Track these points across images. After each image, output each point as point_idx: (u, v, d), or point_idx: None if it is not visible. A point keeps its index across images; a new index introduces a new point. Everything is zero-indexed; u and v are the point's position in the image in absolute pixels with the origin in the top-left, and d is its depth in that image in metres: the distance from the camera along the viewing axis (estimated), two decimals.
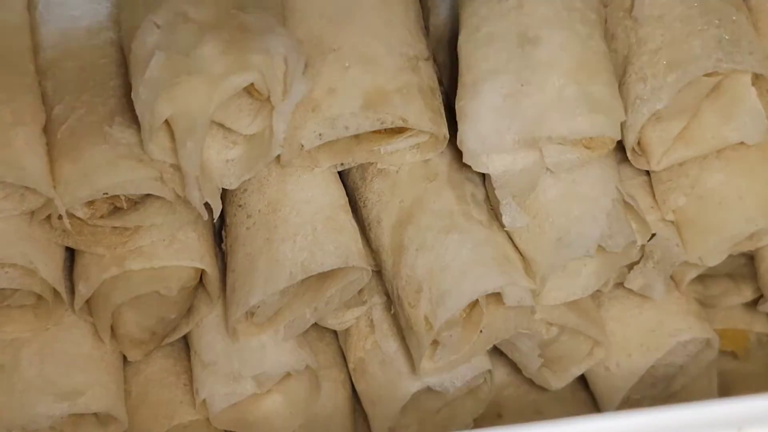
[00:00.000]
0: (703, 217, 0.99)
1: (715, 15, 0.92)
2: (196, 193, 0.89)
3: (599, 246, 0.92)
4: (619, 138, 0.92)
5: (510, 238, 0.97)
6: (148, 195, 0.93)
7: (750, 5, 0.99)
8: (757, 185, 0.98)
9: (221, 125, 0.91)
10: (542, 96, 0.90)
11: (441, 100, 0.99)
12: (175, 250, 0.94)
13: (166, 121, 0.87)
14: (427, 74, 0.99)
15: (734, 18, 0.93)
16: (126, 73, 0.95)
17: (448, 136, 0.96)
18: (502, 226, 0.96)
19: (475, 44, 0.94)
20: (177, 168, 0.89)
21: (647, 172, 1.03)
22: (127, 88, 0.94)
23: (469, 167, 0.94)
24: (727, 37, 0.91)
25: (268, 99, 0.89)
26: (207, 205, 0.91)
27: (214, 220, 0.94)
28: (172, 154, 0.89)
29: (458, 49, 0.96)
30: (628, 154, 0.98)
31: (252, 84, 0.87)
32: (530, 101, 0.90)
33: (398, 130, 0.96)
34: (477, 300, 0.94)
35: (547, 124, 0.89)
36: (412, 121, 0.93)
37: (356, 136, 0.96)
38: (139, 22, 0.90)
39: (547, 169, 0.93)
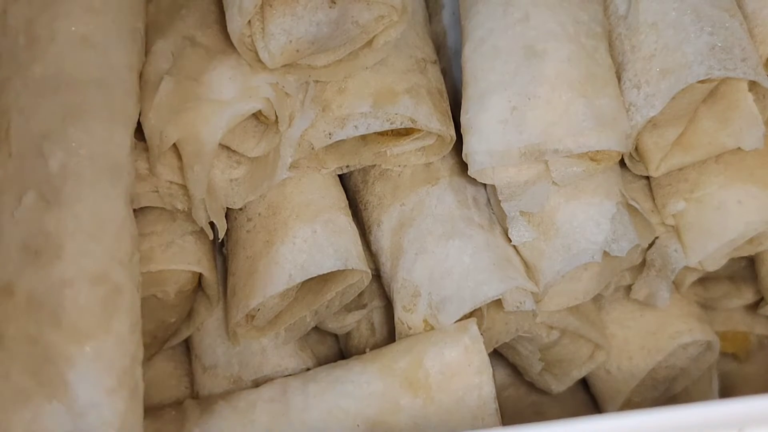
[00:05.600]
0: (703, 221, 0.99)
1: (708, 22, 0.93)
2: (202, 213, 0.91)
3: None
4: (626, 151, 0.93)
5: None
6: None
7: (746, 13, 0.99)
8: (756, 189, 0.98)
9: (226, 146, 0.93)
10: (549, 109, 0.90)
11: (448, 103, 1.00)
12: (171, 254, 0.95)
13: (174, 143, 0.88)
14: (435, 77, 1.00)
15: (727, 25, 0.94)
16: None
17: (455, 138, 0.97)
18: (505, 231, 0.97)
19: (481, 57, 0.95)
20: (177, 184, 0.91)
21: (647, 176, 1.04)
22: None
23: None
24: (719, 44, 0.91)
25: (275, 122, 0.91)
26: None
27: (220, 240, 0.95)
28: (179, 174, 0.90)
29: (463, 62, 0.97)
30: (626, 160, 0.98)
31: (259, 109, 0.89)
32: (537, 114, 0.91)
33: (405, 132, 0.97)
34: None
35: (554, 138, 0.90)
36: (421, 122, 0.94)
37: (363, 138, 0.97)
38: (148, 46, 0.92)
39: (553, 182, 0.93)
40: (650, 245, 1.03)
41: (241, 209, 0.99)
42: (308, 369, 0.99)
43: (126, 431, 0.81)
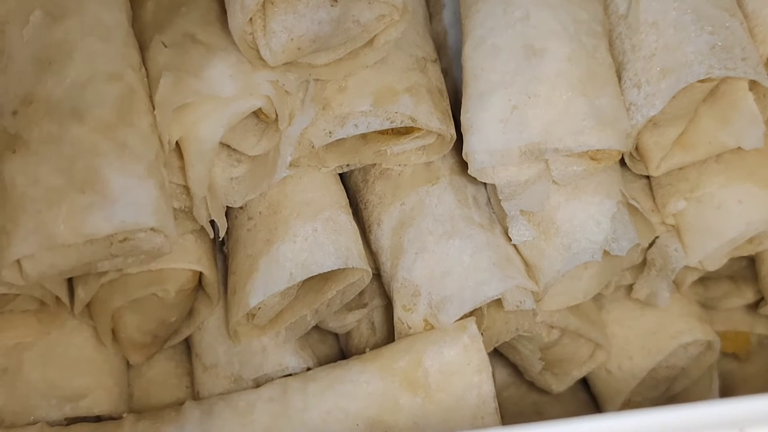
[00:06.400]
0: (703, 221, 0.99)
1: (708, 21, 0.93)
2: (203, 212, 0.91)
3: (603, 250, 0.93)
4: (626, 150, 0.93)
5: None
6: None
7: (746, 12, 0.99)
8: (756, 189, 0.98)
9: (226, 144, 0.93)
10: (550, 108, 0.90)
11: (448, 101, 1.00)
12: (171, 253, 0.94)
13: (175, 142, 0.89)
14: (435, 75, 1.00)
15: (728, 24, 0.93)
16: None
17: (455, 137, 0.97)
18: (505, 230, 0.97)
19: (481, 55, 0.95)
20: (175, 183, 0.91)
21: (647, 176, 1.04)
22: None
23: None
24: (720, 44, 0.91)
25: (275, 120, 0.91)
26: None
27: (220, 238, 0.95)
28: (179, 173, 0.90)
29: (463, 61, 0.97)
30: (626, 160, 0.98)
31: (259, 107, 0.89)
32: (537, 113, 0.91)
33: (405, 131, 0.97)
34: None
35: (554, 137, 0.90)
36: (422, 121, 0.94)
37: (363, 136, 0.97)
38: (147, 42, 0.92)
39: (554, 181, 0.93)
40: (650, 245, 1.03)
41: (241, 208, 0.99)
42: (309, 368, 0.99)
43: (161, 217, 0.83)
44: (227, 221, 0.98)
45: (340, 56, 0.93)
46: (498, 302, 0.95)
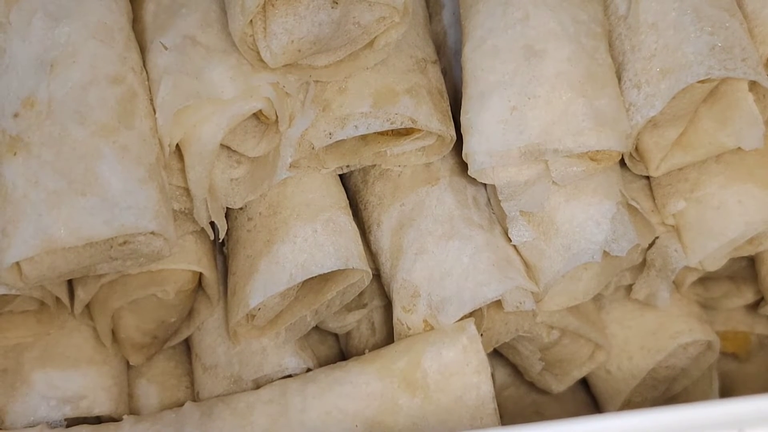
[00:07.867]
0: (703, 221, 0.99)
1: (708, 22, 0.93)
2: (203, 213, 0.91)
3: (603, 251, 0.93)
4: (626, 151, 0.93)
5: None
6: None
7: (746, 12, 0.99)
8: (756, 189, 0.98)
9: (226, 146, 0.93)
10: (549, 109, 0.91)
11: (448, 103, 1.00)
12: (172, 254, 0.94)
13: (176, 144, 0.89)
14: (435, 77, 1.00)
15: (728, 25, 0.93)
16: None
17: (455, 138, 0.97)
18: (505, 230, 0.97)
19: (480, 56, 0.95)
20: (175, 185, 0.91)
21: (647, 176, 1.04)
22: None
23: None
24: (719, 44, 0.91)
25: (275, 122, 0.91)
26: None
27: (220, 240, 0.95)
28: (178, 175, 0.91)
29: (463, 61, 0.97)
30: (626, 160, 0.98)
31: (260, 109, 0.89)
32: (537, 114, 0.91)
33: (405, 132, 0.97)
34: None
35: (553, 138, 0.90)
36: (422, 122, 0.94)
37: (363, 138, 0.97)
38: (147, 44, 0.93)
39: (553, 182, 0.93)
40: (650, 245, 1.03)
41: (241, 209, 0.99)
42: (308, 369, 0.99)
43: (161, 221, 0.83)
44: (227, 222, 0.98)
45: (340, 58, 0.93)
46: (498, 303, 0.95)
